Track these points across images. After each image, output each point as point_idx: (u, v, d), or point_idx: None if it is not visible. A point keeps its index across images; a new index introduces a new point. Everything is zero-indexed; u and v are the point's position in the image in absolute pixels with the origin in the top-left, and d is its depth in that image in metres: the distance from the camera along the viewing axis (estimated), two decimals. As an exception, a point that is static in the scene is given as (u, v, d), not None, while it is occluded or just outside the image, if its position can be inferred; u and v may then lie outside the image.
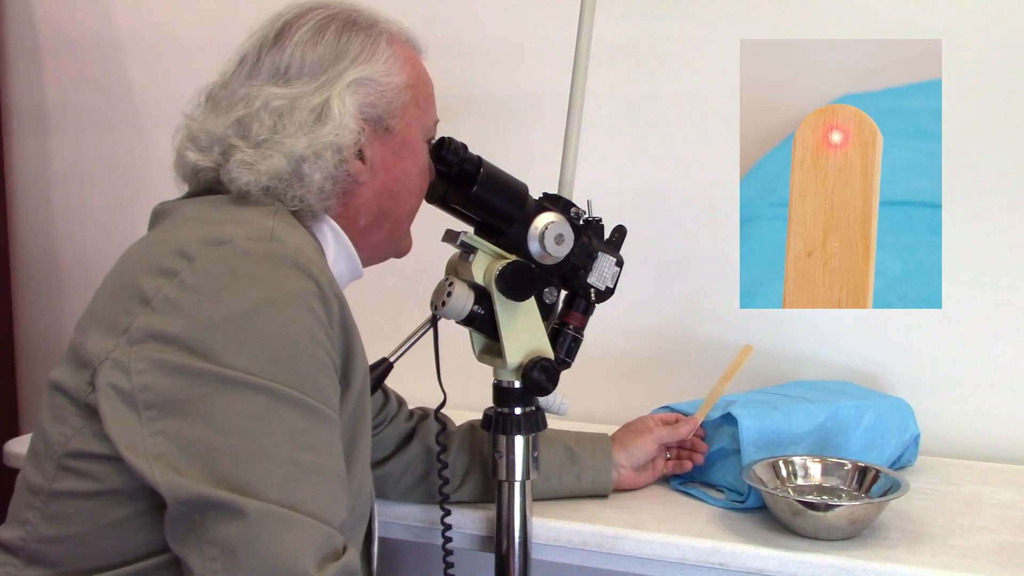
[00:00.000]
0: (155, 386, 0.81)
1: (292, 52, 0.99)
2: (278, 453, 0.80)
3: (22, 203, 2.14)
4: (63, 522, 0.87)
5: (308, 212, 0.98)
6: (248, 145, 0.96)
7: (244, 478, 0.78)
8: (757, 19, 1.59)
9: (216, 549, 0.77)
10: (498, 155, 1.13)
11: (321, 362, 0.85)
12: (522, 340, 1.10)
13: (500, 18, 1.75)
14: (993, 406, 1.53)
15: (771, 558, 1.11)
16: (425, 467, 1.25)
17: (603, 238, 1.18)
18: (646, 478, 1.32)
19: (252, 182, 0.95)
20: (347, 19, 1.02)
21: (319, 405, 0.84)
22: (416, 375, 1.17)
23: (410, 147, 1.05)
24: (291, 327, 0.83)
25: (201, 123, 0.99)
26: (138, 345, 0.83)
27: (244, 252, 0.85)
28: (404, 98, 1.03)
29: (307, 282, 0.85)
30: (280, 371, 0.82)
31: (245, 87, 0.99)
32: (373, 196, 1.03)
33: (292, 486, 0.80)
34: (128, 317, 0.85)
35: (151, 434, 0.80)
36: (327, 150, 0.96)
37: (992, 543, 1.14)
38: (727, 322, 1.63)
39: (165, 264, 0.86)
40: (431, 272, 1.17)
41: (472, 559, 1.27)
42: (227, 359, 0.81)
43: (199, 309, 0.82)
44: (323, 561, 0.79)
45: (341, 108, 0.97)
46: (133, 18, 2.02)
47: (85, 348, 0.88)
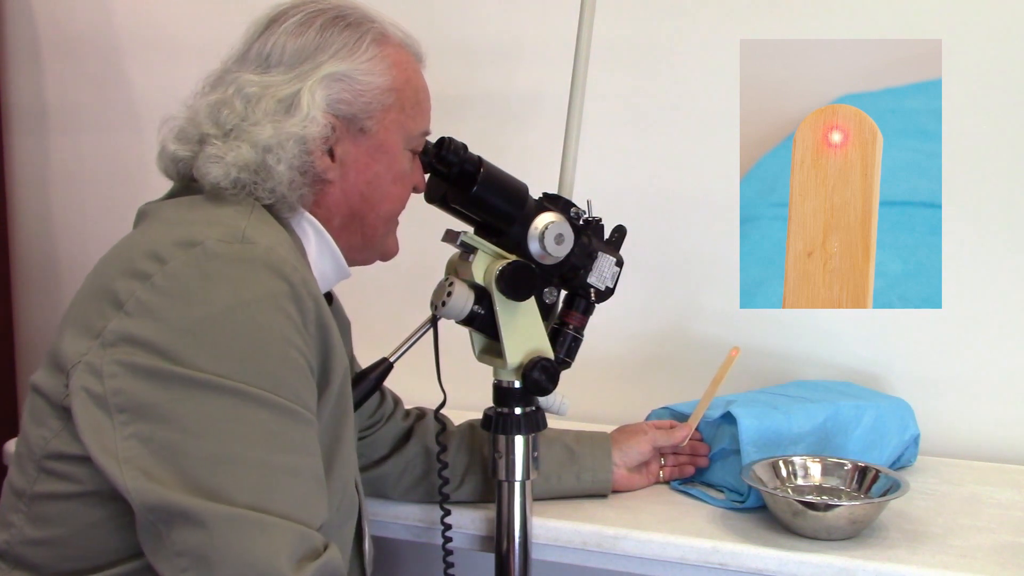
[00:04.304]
0: (127, 390, 0.81)
1: (275, 41, 0.99)
2: (250, 456, 0.80)
3: (22, 203, 2.14)
4: (46, 524, 0.87)
5: (284, 205, 0.97)
6: (219, 133, 0.96)
7: (215, 482, 0.78)
8: (757, 19, 1.59)
9: (187, 559, 0.77)
10: (498, 155, 1.13)
11: (294, 362, 0.85)
12: (522, 340, 1.10)
13: (500, 18, 1.75)
14: (993, 406, 1.53)
15: (771, 558, 1.11)
16: (424, 467, 1.25)
17: (603, 238, 1.18)
18: (640, 480, 1.32)
19: (222, 176, 0.94)
20: (336, 15, 1.01)
21: (292, 405, 0.84)
22: (416, 375, 1.17)
23: (386, 151, 1.03)
24: (262, 329, 0.83)
25: (190, 108, 1.00)
26: (110, 348, 0.83)
27: (214, 254, 0.85)
28: (385, 100, 1.01)
29: (279, 282, 0.85)
30: (251, 373, 0.82)
31: (231, 73, 0.99)
32: (343, 196, 1.01)
33: (265, 489, 0.80)
34: (102, 320, 0.85)
35: (123, 438, 0.80)
36: (290, 141, 0.95)
37: (992, 543, 1.14)
38: (727, 322, 1.63)
39: (138, 267, 0.86)
40: (431, 272, 1.17)
41: (472, 559, 1.27)
42: (198, 362, 0.81)
43: (172, 313, 0.82)
44: (301, 561, 0.79)
45: (310, 101, 0.96)
46: (133, 18, 2.02)
47: (61, 351, 0.87)
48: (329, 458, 0.92)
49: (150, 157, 1.05)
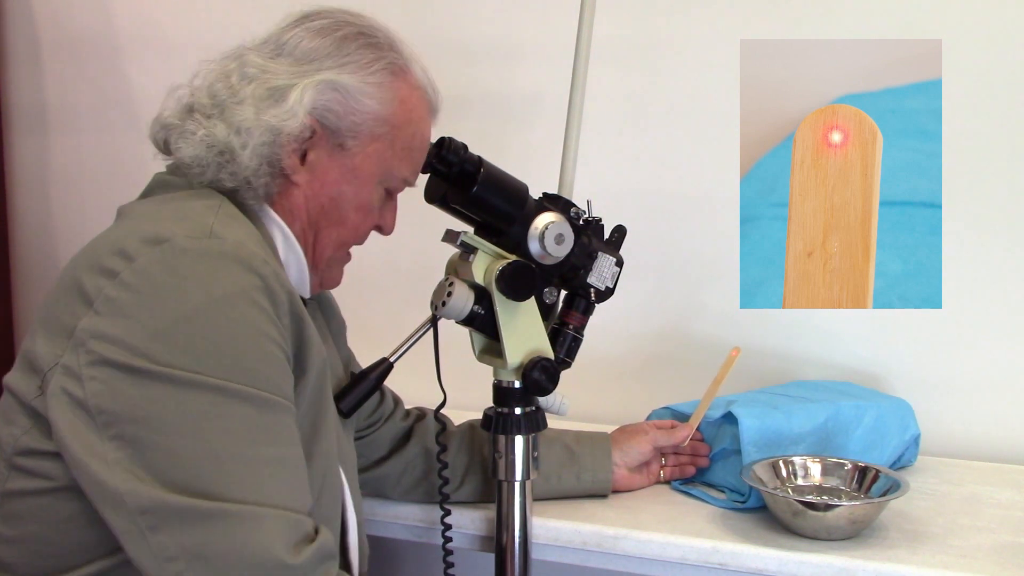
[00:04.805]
0: (108, 392, 0.81)
1: (295, 35, 1.00)
2: (237, 451, 0.81)
3: (22, 203, 2.14)
4: (18, 522, 0.87)
5: (249, 192, 0.97)
6: (209, 104, 0.97)
7: (206, 480, 0.79)
8: (757, 19, 1.59)
9: (182, 562, 0.78)
10: (498, 155, 1.13)
11: (271, 355, 0.85)
12: (522, 340, 1.10)
13: (500, 18, 1.75)
14: (993, 406, 1.53)
15: (771, 558, 1.11)
16: (424, 467, 1.25)
17: (603, 238, 1.18)
18: (640, 481, 1.32)
19: (189, 154, 0.95)
20: (363, 32, 1.01)
21: (272, 397, 0.84)
22: (416, 375, 1.17)
23: (358, 176, 1.02)
24: (237, 324, 0.83)
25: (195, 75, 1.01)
26: (86, 351, 0.82)
27: (183, 250, 0.85)
28: (376, 129, 1.01)
29: (250, 276, 0.85)
30: (229, 369, 0.82)
31: (244, 50, 1.00)
32: (304, 201, 1.00)
33: (254, 482, 0.81)
34: (72, 318, 0.84)
35: (107, 439, 0.80)
36: (263, 128, 0.95)
37: (992, 543, 1.14)
38: (727, 322, 1.63)
39: (105, 264, 0.85)
40: (431, 272, 1.17)
41: (472, 559, 1.27)
42: (177, 362, 0.81)
43: (144, 311, 0.82)
44: (297, 546, 0.80)
45: (298, 99, 0.96)
46: (133, 18, 2.02)
47: (33, 351, 0.87)
48: (308, 449, 0.92)
49: (150, 157, 1.06)
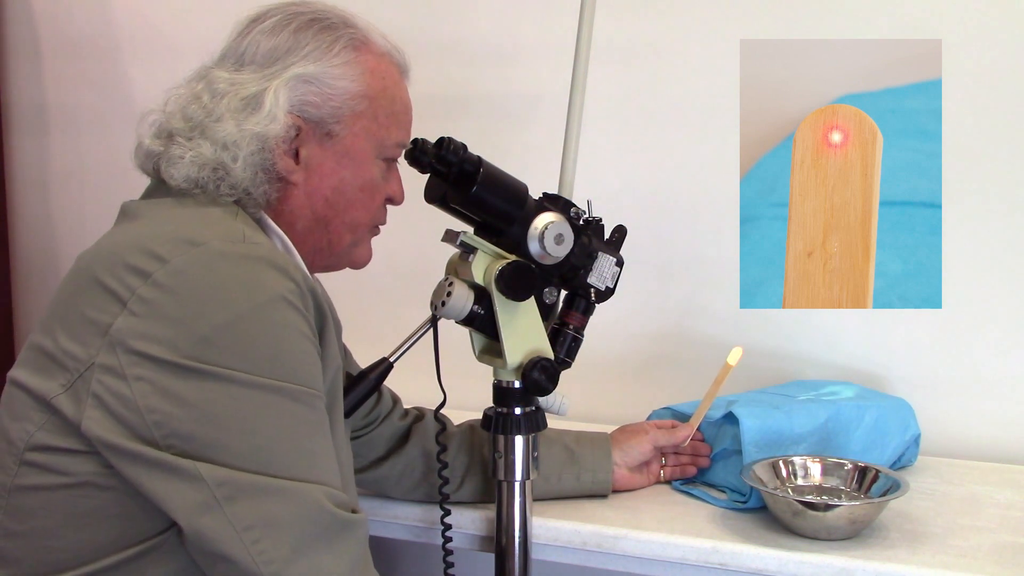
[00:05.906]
0: (157, 392, 0.81)
1: (251, 40, 1.01)
2: (289, 445, 0.84)
3: (22, 203, 2.14)
4: (26, 517, 0.87)
5: (250, 202, 0.98)
6: (186, 128, 0.98)
7: (261, 468, 0.82)
8: (757, 19, 1.59)
9: (258, 530, 0.80)
10: (498, 155, 1.13)
11: (309, 353, 0.88)
12: (522, 340, 1.10)
13: (499, 18, 1.75)
14: (993, 406, 1.52)
15: (771, 558, 1.11)
16: (424, 468, 1.25)
17: (603, 238, 1.18)
18: (641, 480, 1.32)
19: (182, 178, 0.96)
20: (314, 17, 1.02)
21: (314, 392, 0.88)
22: (416, 375, 1.17)
23: (354, 158, 1.03)
24: (280, 327, 0.85)
25: (164, 102, 1.02)
26: (129, 351, 0.82)
27: (220, 254, 0.86)
28: (357, 107, 1.01)
29: (286, 280, 0.87)
30: (276, 369, 0.84)
31: (207, 69, 1.01)
32: (306, 199, 1.01)
33: (307, 468, 0.84)
34: (102, 316, 0.84)
35: (160, 437, 0.81)
36: (248, 138, 0.96)
37: (992, 543, 1.14)
38: (727, 322, 1.63)
39: (133, 263, 0.85)
40: (431, 272, 1.17)
41: (472, 559, 1.27)
42: (227, 362, 0.82)
43: (188, 313, 0.83)
44: (341, 506, 0.85)
45: (274, 101, 0.97)
46: (133, 18, 2.02)
47: (53, 348, 0.87)
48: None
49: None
